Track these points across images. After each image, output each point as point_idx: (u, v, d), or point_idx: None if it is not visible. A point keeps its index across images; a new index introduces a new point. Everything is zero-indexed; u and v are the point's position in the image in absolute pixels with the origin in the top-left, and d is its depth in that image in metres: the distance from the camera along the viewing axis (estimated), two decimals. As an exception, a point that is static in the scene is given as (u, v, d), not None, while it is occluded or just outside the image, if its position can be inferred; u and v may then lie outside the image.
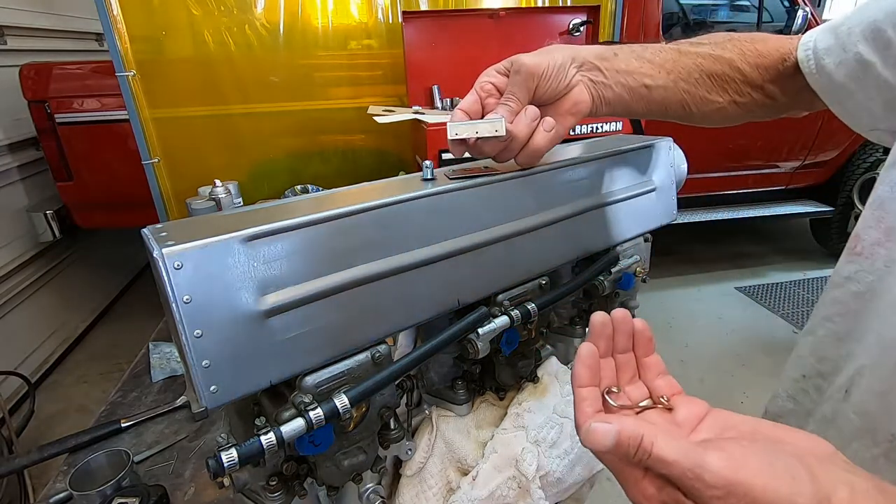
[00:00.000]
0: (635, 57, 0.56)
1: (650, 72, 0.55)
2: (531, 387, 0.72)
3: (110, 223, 2.61)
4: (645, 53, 0.56)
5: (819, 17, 3.04)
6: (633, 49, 0.57)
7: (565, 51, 0.55)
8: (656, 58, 0.56)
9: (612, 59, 0.56)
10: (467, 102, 0.57)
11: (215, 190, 1.37)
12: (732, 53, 0.55)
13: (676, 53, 0.56)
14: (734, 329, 2.74)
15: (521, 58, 0.55)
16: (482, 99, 0.57)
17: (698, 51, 0.56)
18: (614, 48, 0.57)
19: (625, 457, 0.31)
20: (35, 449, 0.93)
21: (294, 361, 0.46)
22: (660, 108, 0.58)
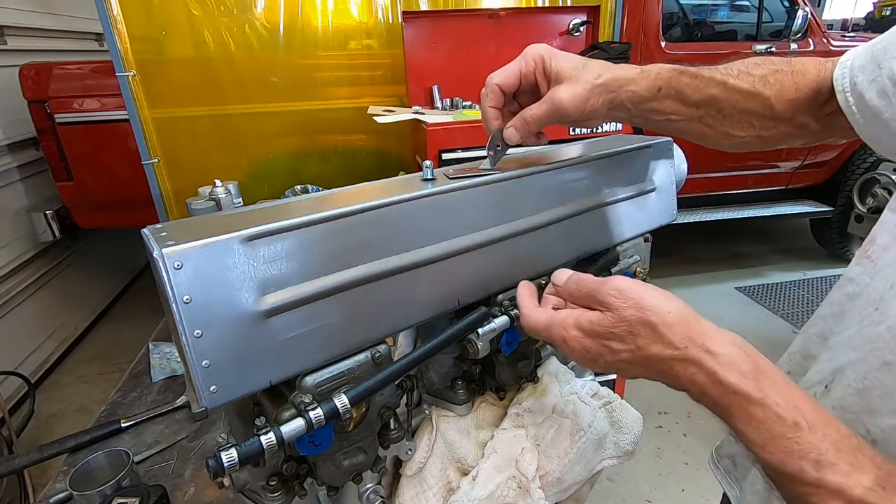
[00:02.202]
0: (673, 96, 0.54)
1: (678, 110, 0.54)
2: (531, 387, 0.72)
3: (110, 223, 2.61)
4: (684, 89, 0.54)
5: (819, 16, 3.04)
6: (679, 83, 0.54)
7: (606, 93, 0.54)
8: (694, 95, 0.54)
9: (649, 102, 0.54)
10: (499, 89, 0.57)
11: (215, 190, 1.37)
12: (771, 90, 0.53)
13: (721, 89, 0.54)
14: (734, 329, 2.70)
15: (560, 95, 0.53)
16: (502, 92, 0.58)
17: (739, 85, 0.53)
18: (661, 83, 0.54)
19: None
20: (35, 449, 0.93)
21: (294, 361, 0.46)
22: (674, 133, 0.58)
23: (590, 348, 0.43)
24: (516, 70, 0.56)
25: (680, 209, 0.81)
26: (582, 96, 0.53)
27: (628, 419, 0.72)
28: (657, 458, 1.92)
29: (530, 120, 0.56)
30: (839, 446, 0.33)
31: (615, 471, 1.85)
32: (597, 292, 0.43)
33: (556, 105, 0.53)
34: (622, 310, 0.40)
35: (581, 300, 0.45)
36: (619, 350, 0.41)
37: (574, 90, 0.53)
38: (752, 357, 0.38)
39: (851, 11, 8.50)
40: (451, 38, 1.76)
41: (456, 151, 1.45)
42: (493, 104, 0.58)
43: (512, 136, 0.58)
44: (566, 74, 0.53)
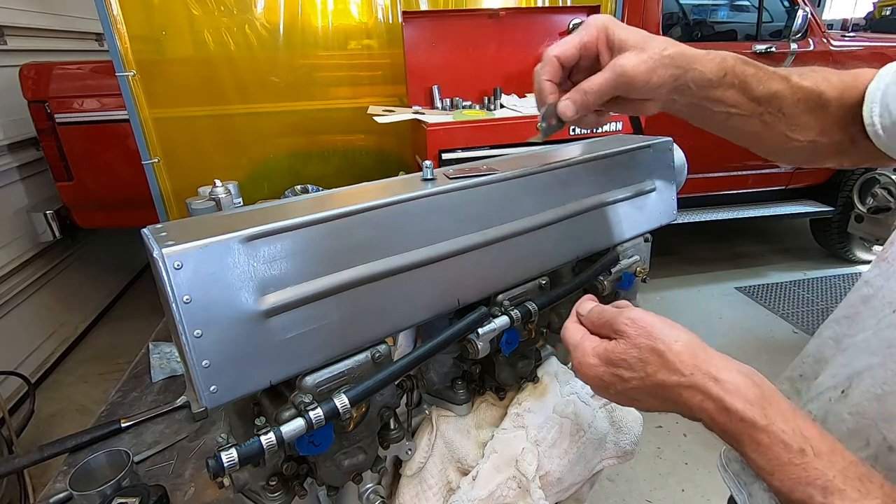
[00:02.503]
0: (737, 85, 0.51)
1: (740, 102, 0.52)
2: (531, 387, 0.72)
3: (110, 223, 2.61)
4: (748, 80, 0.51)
5: (819, 16, 3.04)
6: (744, 72, 0.51)
7: (674, 67, 0.50)
8: (758, 88, 0.51)
9: (713, 88, 0.51)
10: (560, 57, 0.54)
11: (215, 190, 1.37)
12: (835, 92, 0.51)
13: (785, 84, 0.51)
14: (734, 329, 2.73)
15: (624, 62, 0.50)
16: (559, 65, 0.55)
17: (802, 83, 0.51)
18: (727, 69, 0.51)
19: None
20: (35, 449, 0.93)
21: (294, 361, 0.46)
22: (729, 132, 0.55)
23: (602, 376, 0.44)
24: (576, 41, 0.53)
25: (680, 209, 0.81)
26: (648, 66, 0.49)
27: (628, 419, 0.72)
28: (657, 458, 1.92)
29: (590, 90, 0.52)
30: (846, 473, 0.34)
31: (615, 471, 1.85)
32: (613, 321, 0.44)
33: (619, 73, 0.50)
34: (634, 337, 0.42)
35: (600, 329, 0.47)
36: (629, 378, 0.42)
37: (640, 58, 0.49)
38: (759, 384, 0.38)
39: (851, 11, 8.50)
40: (451, 38, 1.76)
41: (456, 151, 1.45)
42: (549, 77, 0.54)
43: (567, 109, 0.54)
44: (631, 43, 0.50)
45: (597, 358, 0.44)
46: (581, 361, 0.46)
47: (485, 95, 1.81)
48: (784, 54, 2.70)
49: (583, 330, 0.48)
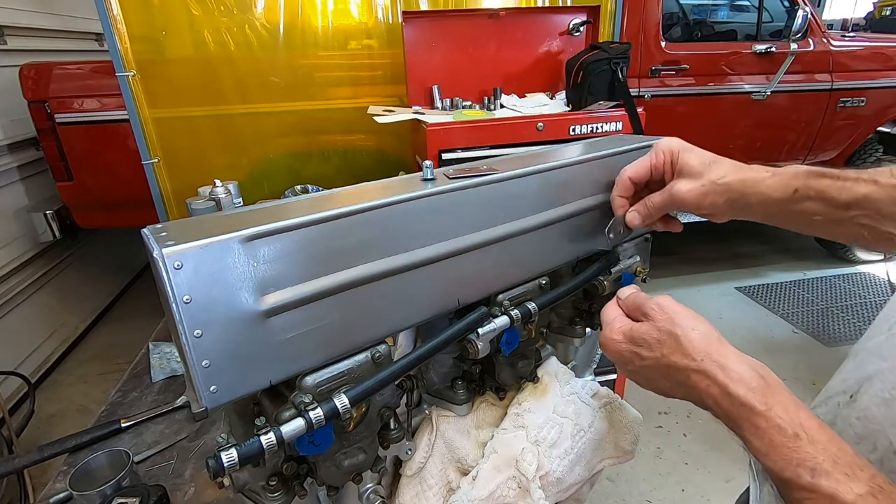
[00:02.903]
0: (813, 197, 0.50)
1: (822, 211, 0.50)
2: (531, 387, 0.72)
3: (110, 223, 2.61)
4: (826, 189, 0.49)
5: (819, 17, 3.04)
6: (819, 184, 0.49)
7: (729, 192, 0.53)
8: (841, 195, 0.49)
9: (785, 204, 0.51)
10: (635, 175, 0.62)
11: (215, 190, 1.37)
12: None
13: (874, 187, 0.48)
14: (734, 329, 2.73)
15: (679, 188, 0.56)
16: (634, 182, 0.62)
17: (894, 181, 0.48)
18: (798, 184, 0.50)
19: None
20: (35, 449, 0.93)
21: (294, 361, 0.46)
22: (825, 235, 0.53)
23: (623, 352, 0.48)
24: (647, 164, 0.60)
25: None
26: (700, 192, 0.55)
27: (628, 419, 0.72)
28: (657, 458, 1.92)
29: (650, 205, 0.60)
30: (837, 460, 0.35)
31: (615, 471, 1.85)
32: (643, 304, 0.48)
33: (674, 196, 0.57)
34: (657, 321, 0.46)
35: (632, 311, 0.50)
36: (646, 357, 0.46)
37: (693, 185, 0.55)
38: (764, 377, 0.41)
39: (851, 11, 8.50)
40: (451, 38, 1.76)
41: (456, 151, 1.45)
42: (621, 193, 0.62)
43: (633, 220, 0.62)
44: (689, 169, 0.56)
45: (621, 334, 0.48)
46: (607, 336, 0.49)
47: (485, 95, 1.81)
48: (784, 54, 2.70)
49: (618, 311, 0.52)
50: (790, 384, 2.30)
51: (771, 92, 2.82)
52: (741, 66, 2.84)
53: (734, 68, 2.84)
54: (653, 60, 2.73)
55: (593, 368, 0.96)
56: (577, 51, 1.78)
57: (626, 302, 0.52)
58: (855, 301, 2.95)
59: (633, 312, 0.50)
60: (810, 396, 0.52)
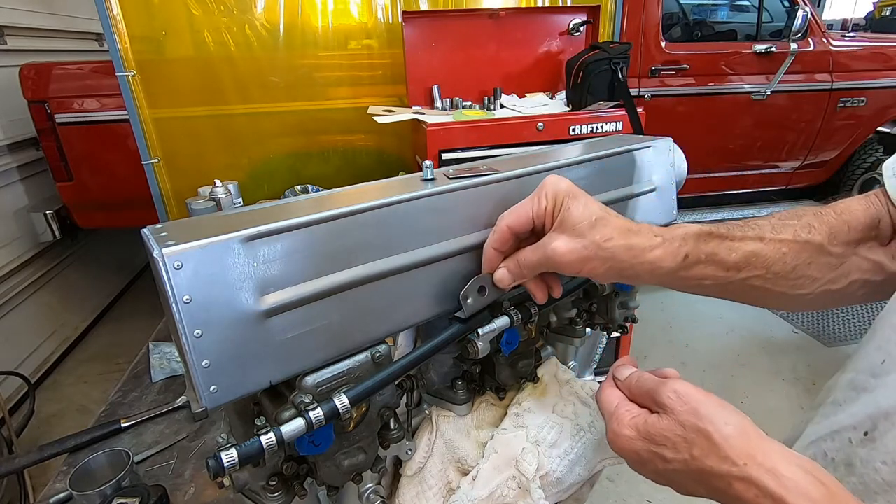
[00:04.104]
0: (704, 261, 0.46)
1: (714, 274, 0.46)
2: (531, 387, 0.72)
3: (110, 223, 2.62)
4: (716, 252, 0.46)
5: (819, 16, 3.04)
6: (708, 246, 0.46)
7: (613, 261, 0.45)
8: (731, 256, 0.46)
9: (676, 272, 0.46)
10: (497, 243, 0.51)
11: (215, 190, 1.37)
12: (821, 235, 0.47)
13: (761, 244, 0.46)
14: (734, 329, 2.73)
15: (555, 245, 0.46)
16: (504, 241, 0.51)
17: (779, 236, 0.47)
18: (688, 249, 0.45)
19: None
20: (35, 449, 0.94)
21: (294, 361, 0.46)
22: (723, 297, 0.50)
23: (640, 452, 0.40)
24: (528, 211, 0.49)
25: (680, 209, 0.81)
26: (580, 255, 0.45)
27: (628, 419, 0.72)
28: (657, 458, 1.92)
29: (523, 263, 0.49)
30: None
31: (615, 471, 1.85)
32: (655, 392, 0.41)
33: (549, 256, 0.46)
34: (679, 413, 0.38)
35: (640, 397, 0.43)
36: (672, 459, 0.38)
37: (573, 246, 0.45)
38: (824, 482, 0.34)
39: (851, 11, 8.51)
40: (451, 38, 1.76)
41: (456, 151, 1.45)
42: (496, 245, 0.51)
43: (503, 280, 0.51)
44: (572, 224, 0.46)
45: (635, 430, 0.41)
46: (617, 433, 0.42)
47: (485, 95, 1.81)
48: (784, 54, 2.70)
49: (619, 395, 0.45)
50: (790, 384, 2.31)
51: (771, 92, 2.83)
52: (741, 66, 2.84)
53: (734, 68, 2.84)
54: (653, 60, 2.73)
55: (593, 368, 0.96)
56: (577, 51, 1.78)
57: (629, 386, 0.45)
58: (855, 301, 2.95)
59: (641, 399, 0.43)
60: (810, 397, 0.52)
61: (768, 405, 2.21)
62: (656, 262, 0.45)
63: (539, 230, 0.50)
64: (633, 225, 0.46)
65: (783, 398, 2.23)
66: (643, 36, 2.70)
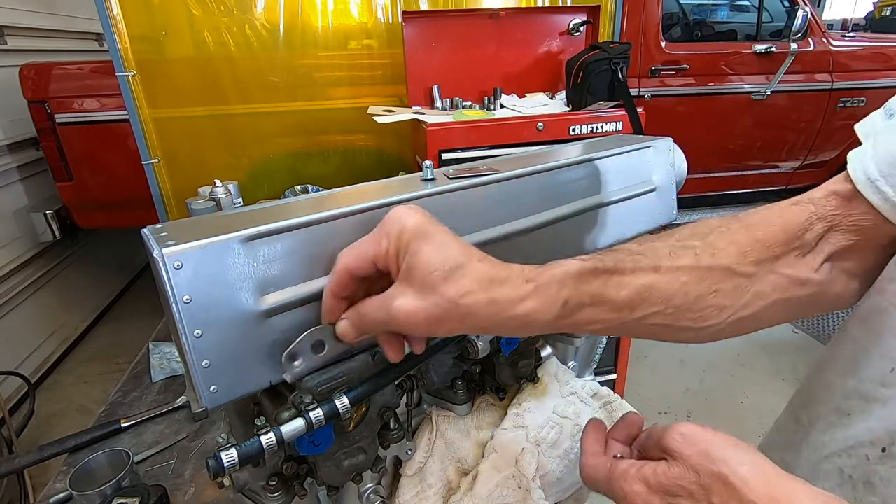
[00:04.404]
0: (589, 303, 0.39)
1: (604, 317, 0.40)
2: (531, 387, 0.72)
3: (110, 223, 2.62)
4: (601, 291, 0.39)
5: (819, 16, 3.04)
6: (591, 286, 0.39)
7: (472, 319, 0.36)
8: (620, 294, 0.40)
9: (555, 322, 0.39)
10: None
11: (215, 190, 1.37)
12: (728, 257, 0.42)
13: (656, 275, 0.41)
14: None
15: (399, 305, 0.37)
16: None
17: (677, 263, 0.41)
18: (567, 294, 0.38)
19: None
20: (35, 449, 0.93)
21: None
22: (625, 336, 0.47)
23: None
24: (369, 253, 0.40)
25: (680, 209, 0.81)
26: (429, 315, 0.36)
27: (628, 419, 0.72)
28: (657, 458, 1.92)
29: (366, 319, 0.40)
30: None
31: (615, 471, 1.85)
32: (660, 437, 0.37)
33: (393, 316, 0.37)
34: (688, 458, 0.34)
35: (642, 445, 0.40)
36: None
37: (419, 305, 0.36)
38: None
39: (851, 11, 8.51)
40: (451, 38, 1.76)
41: (456, 151, 1.45)
42: (335, 291, 0.41)
43: (346, 333, 0.42)
44: (421, 276, 0.36)
45: (644, 485, 0.35)
46: (625, 491, 0.36)
47: (485, 95, 1.81)
48: (784, 54, 2.70)
49: (608, 458, 0.40)
50: (790, 384, 2.31)
51: (771, 92, 2.83)
52: (741, 66, 2.84)
53: (734, 68, 2.84)
54: (653, 60, 2.73)
55: (593, 368, 0.96)
56: (577, 51, 1.78)
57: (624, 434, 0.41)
58: (855, 301, 2.95)
59: (642, 446, 0.40)
60: (810, 396, 0.52)
61: (768, 405, 2.21)
62: (528, 315, 0.37)
63: (385, 274, 0.40)
64: (500, 270, 0.38)
65: (783, 398, 2.22)
66: (643, 36, 2.70)
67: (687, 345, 2.61)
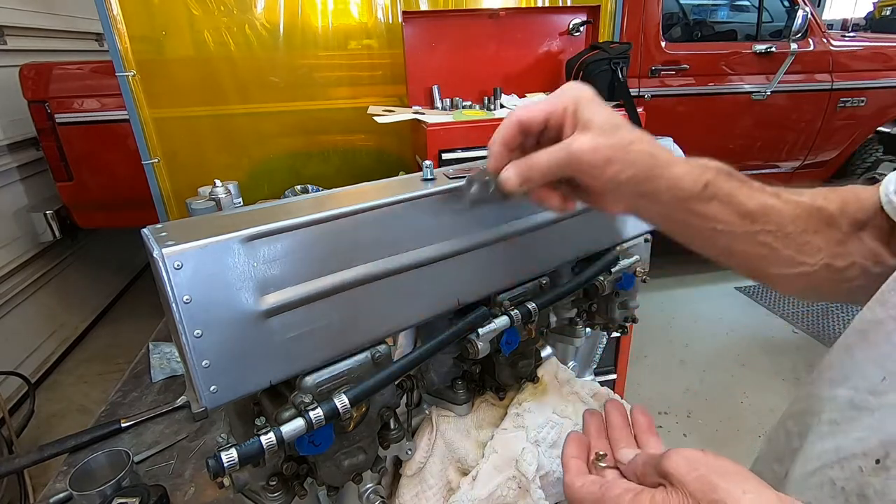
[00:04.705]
0: (721, 197, 0.44)
1: (728, 218, 0.44)
2: (531, 387, 0.72)
3: (110, 223, 2.62)
4: (735, 193, 0.44)
5: (819, 16, 3.04)
6: (729, 185, 0.44)
7: (637, 167, 0.42)
8: (749, 202, 0.44)
9: (693, 201, 0.43)
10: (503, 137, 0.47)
11: (215, 190, 1.37)
12: (834, 205, 0.45)
13: (778, 199, 0.45)
14: (734, 329, 2.74)
15: (580, 143, 0.42)
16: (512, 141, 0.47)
17: (794, 198, 0.45)
18: (709, 178, 0.43)
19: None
20: (35, 449, 0.94)
21: (294, 361, 0.46)
22: (724, 255, 0.48)
23: None
24: (544, 109, 0.44)
25: (680, 209, 0.80)
26: (604, 155, 0.41)
27: (628, 419, 0.72)
28: (657, 458, 1.92)
29: (535, 165, 0.44)
30: None
31: (615, 471, 1.85)
32: (657, 463, 0.36)
33: (570, 153, 0.42)
34: (688, 483, 0.33)
35: (638, 470, 0.39)
36: None
37: (597, 143, 0.41)
38: None
39: (851, 11, 8.51)
40: (451, 38, 1.76)
41: (456, 151, 1.45)
42: (504, 141, 0.46)
43: (509, 181, 0.45)
44: (596, 124, 0.42)
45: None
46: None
47: (485, 95, 1.81)
48: (784, 54, 2.70)
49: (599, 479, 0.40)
50: (790, 384, 2.31)
51: (771, 92, 2.83)
52: (741, 66, 2.84)
53: (734, 68, 2.84)
54: (653, 60, 2.73)
55: (593, 368, 0.96)
56: (577, 51, 1.78)
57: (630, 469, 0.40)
58: (855, 301, 2.95)
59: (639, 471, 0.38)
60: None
61: (768, 405, 2.21)
62: (676, 179, 0.42)
63: (552, 137, 0.45)
64: (657, 141, 0.44)
65: (783, 398, 2.23)
66: (643, 36, 2.70)
67: (687, 345, 2.62)
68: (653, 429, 0.44)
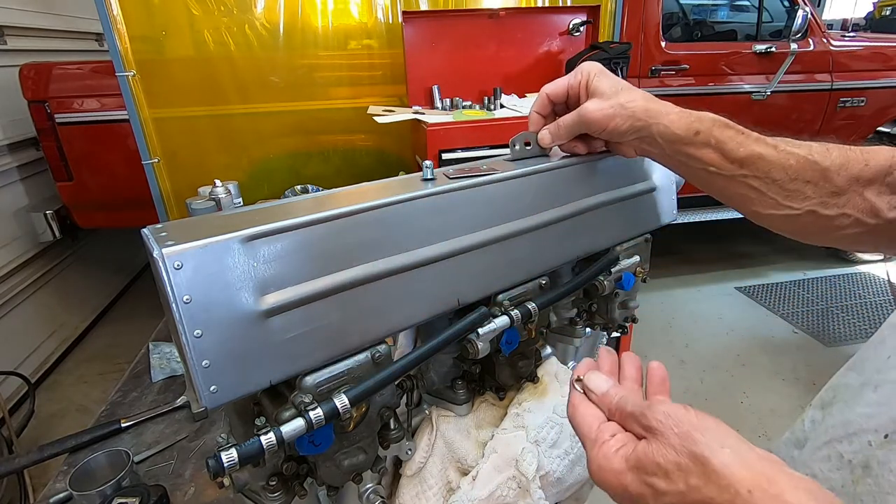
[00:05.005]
0: (712, 145, 0.51)
1: (717, 162, 0.52)
2: (531, 387, 0.72)
3: (110, 223, 2.62)
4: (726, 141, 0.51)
5: (819, 16, 3.04)
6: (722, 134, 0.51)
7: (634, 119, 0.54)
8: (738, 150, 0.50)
9: (684, 145, 0.53)
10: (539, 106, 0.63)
11: (215, 190, 1.37)
12: (832, 162, 0.48)
13: (771, 150, 0.50)
14: (734, 329, 2.74)
15: (587, 107, 0.56)
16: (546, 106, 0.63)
17: (791, 149, 0.50)
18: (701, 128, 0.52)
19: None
20: (35, 449, 0.94)
21: (294, 361, 0.46)
22: (718, 194, 0.56)
23: (629, 486, 0.36)
24: (565, 83, 0.60)
25: (680, 209, 0.81)
26: (605, 113, 0.55)
27: (628, 419, 0.72)
28: (657, 458, 1.92)
29: (562, 125, 0.60)
30: None
31: (615, 471, 1.85)
32: (641, 415, 0.37)
33: (582, 116, 0.57)
34: (670, 437, 0.34)
35: (623, 421, 0.39)
36: (665, 491, 0.34)
37: (601, 105, 0.55)
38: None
39: (851, 11, 8.50)
40: (451, 38, 1.76)
41: (456, 151, 1.45)
42: (537, 109, 0.63)
43: (544, 138, 0.63)
44: (601, 91, 0.56)
45: (623, 462, 0.36)
46: (603, 467, 0.37)
47: (485, 95, 1.81)
48: (784, 54, 2.70)
49: (598, 415, 0.41)
50: (790, 384, 2.31)
51: (771, 92, 2.83)
52: (741, 66, 2.84)
53: (734, 68, 2.84)
54: (653, 60, 2.73)
55: (593, 368, 0.95)
56: (577, 51, 1.78)
57: (607, 402, 0.41)
58: (855, 301, 2.95)
59: (624, 422, 0.39)
60: (810, 397, 0.52)
61: (768, 405, 2.21)
62: (667, 125, 0.53)
63: (573, 104, 0.60)
64: (656, 98, 0.55)
65: (783, 398, 2.23)
66: (643, 36, 2.70)
67: (687, 345, 2.62)
68: (666, 385, 0.43)
